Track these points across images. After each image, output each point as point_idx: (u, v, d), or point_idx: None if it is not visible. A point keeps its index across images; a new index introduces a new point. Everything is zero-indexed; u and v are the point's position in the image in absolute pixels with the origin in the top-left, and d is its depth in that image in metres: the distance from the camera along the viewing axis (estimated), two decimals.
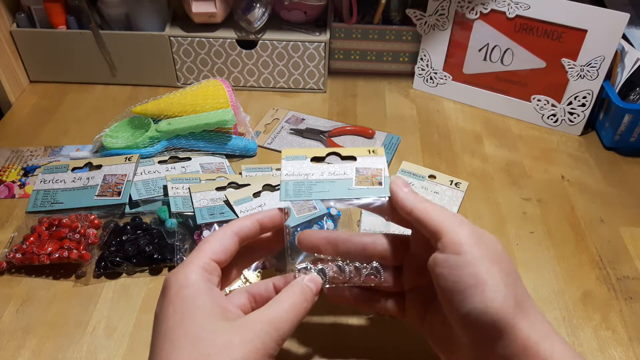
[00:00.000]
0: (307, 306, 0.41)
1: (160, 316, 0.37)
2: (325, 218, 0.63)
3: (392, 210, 0.45)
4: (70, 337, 0.53)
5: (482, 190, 0.71)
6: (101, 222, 0.63)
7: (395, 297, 0.48)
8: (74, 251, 0.58)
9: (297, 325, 0.39)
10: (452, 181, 0.71)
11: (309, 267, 0.45)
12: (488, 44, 0.82)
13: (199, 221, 0.60)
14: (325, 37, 0.83)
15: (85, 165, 0.69)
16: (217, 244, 0.41)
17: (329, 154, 0.50)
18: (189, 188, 0.64)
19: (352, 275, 0.46)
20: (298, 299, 0.40)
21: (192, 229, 0.61)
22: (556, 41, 0.77)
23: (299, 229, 0.59)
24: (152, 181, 0.68)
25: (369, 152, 0.51)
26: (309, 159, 0.50)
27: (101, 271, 0.58)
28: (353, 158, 0.50)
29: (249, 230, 0.43)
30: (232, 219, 0.61)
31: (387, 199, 0.45)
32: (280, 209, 0.45)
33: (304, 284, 0.42)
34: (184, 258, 0.58)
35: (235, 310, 0.40)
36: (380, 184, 0.48)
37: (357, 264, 0.46)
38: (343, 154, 0.50)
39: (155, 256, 0.59)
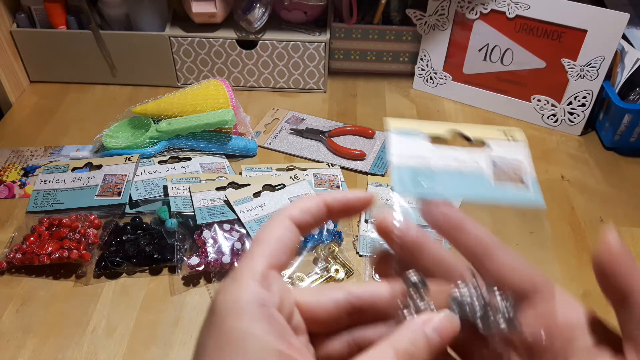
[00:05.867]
0: None
1: (199, 349, 0.27)
2: None
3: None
4: (70, 337, 0.53)
5: None
6: (101, 222, 0.63)
7: None
8: (74, 251, 0.58)
9: None
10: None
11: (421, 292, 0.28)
12: (488, 44, 0.82)
13: (199, 221, 0.60)
14: (325, 37, 0.83)
15: (85, 165, 0.69)
16: (273, 242, 0.28)
17: (453, 134, 0.36)
18: (189, 188, 0.64)
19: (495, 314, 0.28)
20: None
21: (192, 229, 0.61)
22: (556, 41, 0.77)
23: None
24: (152, 181, 0.67)
25: (505, 135, 0.37)
26: (427, 137, 0.35)
27: (101, 271, 0.58)
28: (482, 142, 0.36)
29: (310, 217, 0.29)
30: (231, 219, 0.61)
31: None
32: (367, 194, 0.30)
33: (424, 332, 0.26)
34: (184, 259, 0.58)
35: (300, 349, 0.26)
36: (523, 182, 0.35)
37: (497, 292, 0.28)
38: (470, 134, 0.36)
39: (155, 256, 0.59)
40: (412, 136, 0.35)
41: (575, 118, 0.80)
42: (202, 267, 0.57)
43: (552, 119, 0.82)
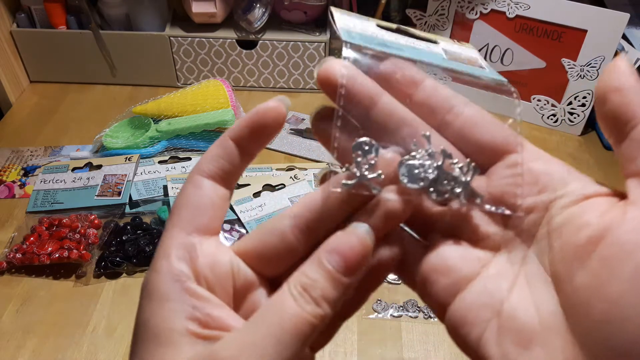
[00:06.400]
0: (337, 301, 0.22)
1: (132, 340, 0.25)
2: None
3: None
4: (70, 337, 0.53)
5: None
6: (101, 222, 0.63)
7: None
8: (74, 251, 0.58)
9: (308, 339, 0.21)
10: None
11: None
12: (488, 44, 0.82)
13: None
14: (325, 37, 0.83)
15: (85, 165, 0.69)
16: (190, 207, 0.24)
17: (397, 29, 0.29)
18: None
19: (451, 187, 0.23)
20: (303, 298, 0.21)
21: None
22: (556, 41, 0.77)
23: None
24: (152, 181, 0.68)
25: (455, 42, 0.34)
26: (375, 24, 0.29)
27: (101, 271, 0.58)
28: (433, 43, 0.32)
29: (224, 162, 0.25)
30: (231, 219, 0.61)
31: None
32: (276, 105, 0.25)
33: (317, 258, 0.22)
34: None
35: (222, 320, 0.23)
36: (481, 67, 0.31)
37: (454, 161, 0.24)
38: (417, 34, 0.31)
39: None
40: (359, 18, 0.29)
41: (575, 118, 0.80)
42: None
43: (552, 119, 0.82)
